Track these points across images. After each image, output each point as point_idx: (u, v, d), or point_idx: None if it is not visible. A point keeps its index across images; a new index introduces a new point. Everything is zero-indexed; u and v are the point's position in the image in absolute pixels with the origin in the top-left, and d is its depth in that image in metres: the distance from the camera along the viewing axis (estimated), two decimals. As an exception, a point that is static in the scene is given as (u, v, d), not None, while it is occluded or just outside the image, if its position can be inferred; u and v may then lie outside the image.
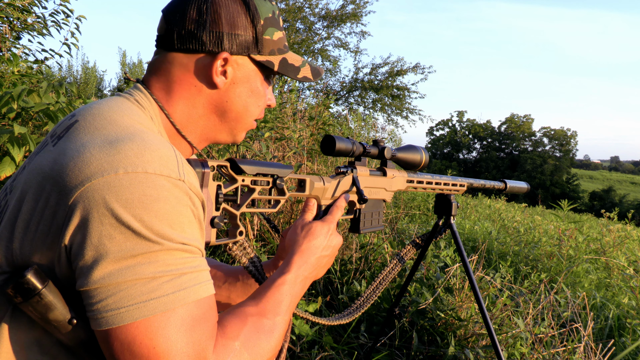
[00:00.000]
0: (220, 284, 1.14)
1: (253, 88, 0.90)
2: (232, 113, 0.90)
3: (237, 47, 0.86)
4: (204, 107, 0.88)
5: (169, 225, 0.67)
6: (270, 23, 0.89)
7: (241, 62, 0.88)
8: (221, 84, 0.87)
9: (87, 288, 0.64)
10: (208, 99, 0.88)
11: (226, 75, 0.87)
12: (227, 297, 1.15)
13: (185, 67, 0.86)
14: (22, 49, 3.35)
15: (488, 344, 2.23)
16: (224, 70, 0.86)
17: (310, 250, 0.99)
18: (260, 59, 0.89)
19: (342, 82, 20.39)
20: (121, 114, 0.76)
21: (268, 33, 0.88)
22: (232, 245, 0.97)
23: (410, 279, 1.87)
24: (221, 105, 0.89)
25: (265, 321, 0.80)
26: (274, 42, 0.90)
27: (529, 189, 1.98)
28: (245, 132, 0.96)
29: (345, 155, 1.19)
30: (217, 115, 0.90)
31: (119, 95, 0.85)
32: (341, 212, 1.11)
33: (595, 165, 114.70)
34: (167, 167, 0.69)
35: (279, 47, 0.91)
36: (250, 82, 0.90)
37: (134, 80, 0.90)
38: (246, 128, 0.95)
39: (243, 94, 0.89)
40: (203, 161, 0.87)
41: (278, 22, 0.91)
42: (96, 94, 12.74)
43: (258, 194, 0.97)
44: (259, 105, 0.93)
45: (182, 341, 0.65)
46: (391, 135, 12.34)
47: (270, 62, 0.90)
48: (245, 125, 0.94)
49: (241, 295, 1.15)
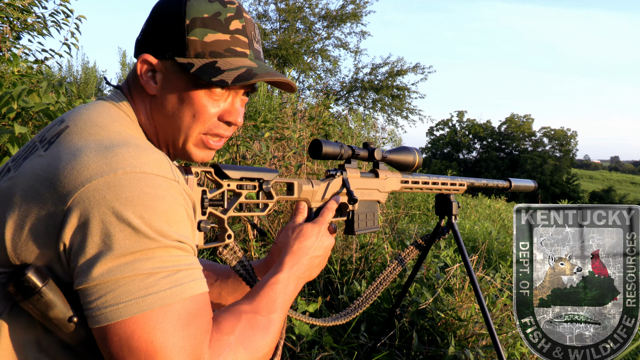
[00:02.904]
0: (211, 282, 1.15)
1: (184, 96, 0.83)
2: (169, 123, 0.85)
3: (159, 49, 0.82)
4: (150, 117, 0.86)
5: (166, 223, 0.69)
6: (202, 24, 0.82)
7: (168, 66, 0.83)
8: (152, 90, 0.84)
9: (85, 285, 0.65)
10: (150, 108, 0.86)
11: (156, 80, 0.84)
12: (218, 295, 1.16)
13: (134, 75, 0.87)
14: (22, 49, 3.35)
15: (488, 343, 2.23)
16: (153, 76, 0.84)
17: (301, 251, 1.00)
18: (182, 61, 0.81)
19: (342, 82, 20.38)
20: (111, 120, 0.78)
21: (195, 34, 0.81)
22: (222, 249, 0.99)
23: (411, 280, 1.87)
24: (160, 115, 0.85)
25: (260, 318, 0.81)
26: (203, 44, 0.82)
27: (536, 187, 1.90)
28: (201, 149, 0.88)
29: (333, 158, 1.20)
30: (160, 126, 0.86)
31: (104, 100, 0.85)
32: (332, 213, 1.12)
33: (595, 165, 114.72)
34: (162, 169, 0.71)
35: (212, 50, 0.82)
36: (178, 88, 0.83)
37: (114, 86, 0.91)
38: (195, 143, 0.87)
39: (174, 102, 0.83)
40: (186, 168, 0.87)
41: (221, 24, 0.83)
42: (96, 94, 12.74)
43: (246, 198, 0.98)
44: (195, 116, 0.84)
45: (178, 335, 0.66)
46: (391, 135, 12.34)
47: (190, 64, 0.81)
48: (190, 140, 0.86)
49: (232, 292, 1.16)
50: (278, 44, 17.53)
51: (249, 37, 0.87)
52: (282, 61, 17.51)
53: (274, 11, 18.82)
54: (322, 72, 20.35)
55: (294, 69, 17.75)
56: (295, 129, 3.77)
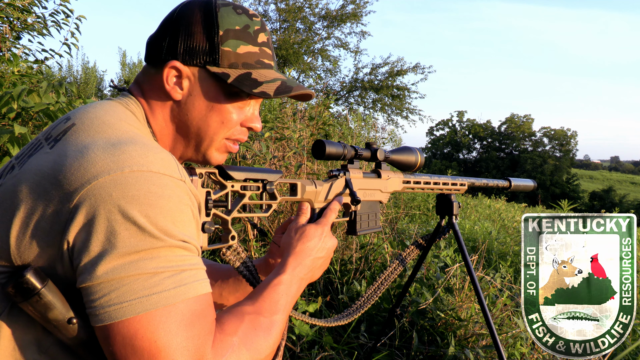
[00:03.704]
0: (212, 282, 1.15)
1: (213, 103, 0.86)
2: (193, 128, 0.87)
3: (189, 57, 0.84)
4: (170, 121, 0.87)
5: (171, 222, 0.69)
6: (235, 35, 0.85)
7: (198, 74, 0.85)
8: (177, 96, 0.85)
9: (89, 284, 0.65)
10: (172, 112, 0.87)
11: (182, 87, 0.85)
12: (220, 295, 1.16)
13: (152, 78, 0.87)
14: (22, 49, 3.35)
15: (488, 343, 2.23)
16: (179, 82, 0.85)
17: (304, 252, 1.00)
18: (216, 70, 0.84)
19: (342, 82, 20.39)
20: (117, 118, 0.78)
21: (228, 45, 0.84)
22: (225, 250, 0.99)
23: (412, 280, 1.87)
24: (183, 120, 0.87)
25: (262, 319, 0.82)
26: (236, 55, 0.85)
27: (535, 187, 1.98)
28: (221, 153, 0.92)
29: (336, 158, 1.20)
30: (180, 130, 0.88)
31: (112, 100, 0.86)
32: (335, 214, 1.12)
33: (595, 165, 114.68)
34: (169, 168, 0.71)
35: (245, 62, 0.86)
36: (208, 95, 0.86)
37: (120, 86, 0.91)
38: (214, 147, 0.90)
39: (202, 108, 0.86)
40: (191, 168, 0.88)
41: (251, 37, 0.87)
42: (96, 94, 12.74)
43: (249, 199, 0.98)
44: (222, 123, 0.88)
45: (182, 335, 0.66)
46: (391, 135, 12.34)
47: (226, 74, 0.84)
48: (214, 144, 0.89)
49: (233, 292, 1.16)
50: (278, 44, 17.53)
51: (272, 49, 0.93)
52: (282, 61, 17.53)
53: (274, 11, 18.85)
54: (322, 72, 20.38)
55: (294, 69, 17.75)
56: (295, 129, 3.77)
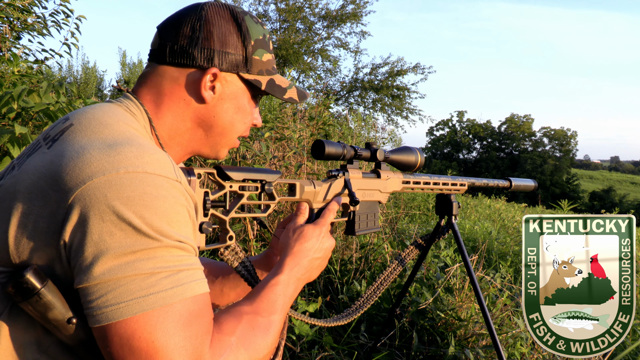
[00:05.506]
0: (213, 279, 1.16)
1: (240, 105, 0.93)
2: (217, 128, 0.92)
3: (227, 64, 0.89)
4: (191, 120, 0.90)
5: (167, 223, 0.69)
6: (260, 45, 0.92)
7: (230, 79, 0.91)
8: (209, 99, 0.89)
9: (86, 285, 0.65)
10: (196, 112, 0.90)
11: (214, 91, 0.89)
12: (220, 292, 1.17)
13: (176, 81, 0.88)
14: (22, 49, 3.35)
15: (488, 344, 2.23)
16: (212, 86, 0.89)
17: (302, 253, 1.00)
18: (249, 77, 0.92)
19: (342, 82, 20.39)
20: (116, 119, 0.78)
21: (258, 54, 0.92)
22: (223, 250, 0.99)
23: (411, 280, 1.87)
24: (208, 120, 0.91)
25: (260, 319, 0.82)
26: (262, 63, 0.93)
27: (536, 187, 1.99)
28: (227, 149, 0.99)
29: (335, 159, 1.20)
30: (203, 129, 0.92)
31: (111, 102, 0.86)
32: (333, 214, 1.13)
33: (595, 165, 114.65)
34: (165, 169, 0.72)
35: (267, 68, 0.94)
36: (237, 99, 0.93)
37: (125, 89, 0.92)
38: (229, 145, 0.97)
39: (230, 110, 0.92)
40: (189, 169, 0.89)
41: (268, 45, 0.95)
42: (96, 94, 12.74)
43: (248, 199, 0.99)
44: (244, 123, 0.96)
45: (179, 335, 0.67)
46: (391, 135, 12.34)
47: (258, 81, 0.93)
48: (229, 142, 0.96)
49: (234, 288, 1.17)
50: (278, 44, 17.53)
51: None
52: (282, 61, 17.52)
53: (274, 11, 18.85)
54: (322, 72, 20.37)
55: (294, 69, 17.75)
56: (295, 129, 3.77)
